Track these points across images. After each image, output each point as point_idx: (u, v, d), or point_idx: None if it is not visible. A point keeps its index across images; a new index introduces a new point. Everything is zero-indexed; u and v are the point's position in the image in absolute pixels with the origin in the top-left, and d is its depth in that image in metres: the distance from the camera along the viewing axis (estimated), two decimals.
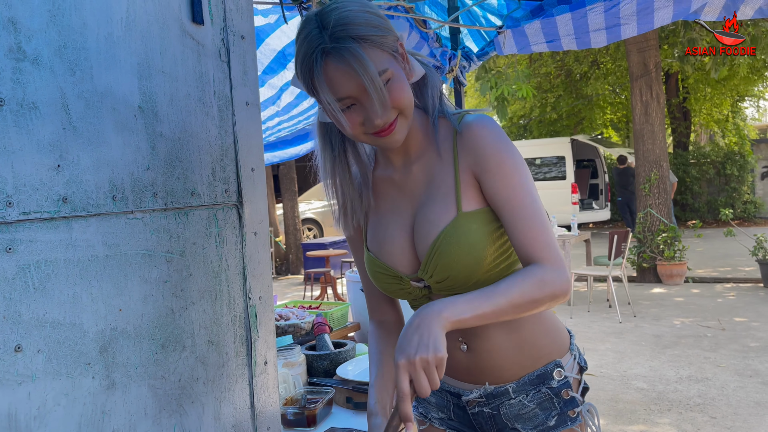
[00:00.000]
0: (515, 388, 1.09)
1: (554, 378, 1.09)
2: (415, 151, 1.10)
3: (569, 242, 7.38)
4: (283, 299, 8.99)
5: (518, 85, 9.14)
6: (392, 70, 0.98)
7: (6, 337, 0.81)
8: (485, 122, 1.03)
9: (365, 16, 0.97)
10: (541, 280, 0.97)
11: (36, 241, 0.86)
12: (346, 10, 0.97)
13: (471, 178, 1.04)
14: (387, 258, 1.12)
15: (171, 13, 1.08)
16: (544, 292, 0.96)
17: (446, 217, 1.04)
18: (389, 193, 1.14)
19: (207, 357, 1.13)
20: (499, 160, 1.01)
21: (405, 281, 1.11)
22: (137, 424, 0.99)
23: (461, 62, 2.53)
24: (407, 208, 1.11)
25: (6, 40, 0.83)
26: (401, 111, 1.01)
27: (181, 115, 1.09)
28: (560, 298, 0.99)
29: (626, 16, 2.02)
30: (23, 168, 0.84)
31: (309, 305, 2.43)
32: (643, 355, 5.09)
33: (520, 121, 20.02)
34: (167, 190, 1.06)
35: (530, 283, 0.96)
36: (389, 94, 0.98)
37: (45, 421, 0.86)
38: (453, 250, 1.03)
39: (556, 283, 0.98)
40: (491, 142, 1.02)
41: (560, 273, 0.99)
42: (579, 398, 1.11)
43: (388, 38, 0.98)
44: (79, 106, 0.92)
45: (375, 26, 0.97)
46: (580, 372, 1.15)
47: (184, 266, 1.09)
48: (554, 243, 1.01)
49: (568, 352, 1.14)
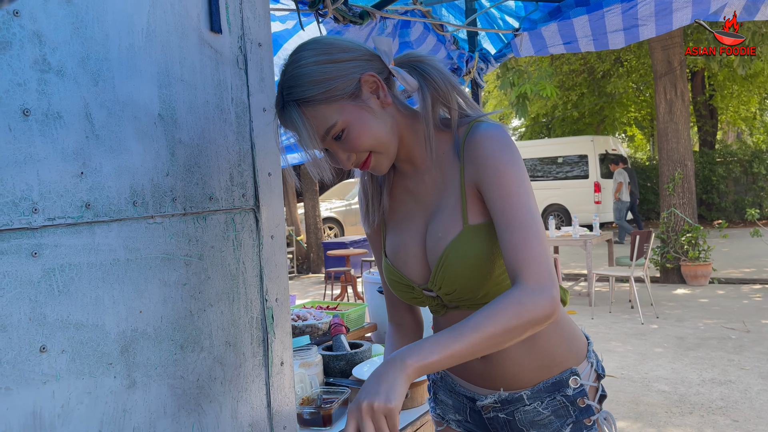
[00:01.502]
0: (530, 395, 1.10)
1: (570, 386, 1.09)
2: (423, 161, 1.11)
3: (591, 242, 7.32)
4: (304, 298, 9.06)
5: (541, 84, 9.07)
6: (344, 121, 1.00)
7: (31, 338, 0.85)
8: (491, 131, 1.02)
9: (313, 71, 0.99)
10: (518, 306, 0.91)
11: (60, 245, 0.89)
12: (298, 66, 1.01)
13: (475, 190, 1.03)
14: (401, 266, 1.13)
15: (190, 23, 1.11)
16: (523, 318, 0.91)
17: (453, 230, 1.04)
18: (405, 200, 1.15)
19: (225, 357, 1.16)
20: (498, 171, 0.98)
21: (417, 291, 1.12)
22: (157, 422, 1.03)
23: (479, 64, 2.53)
24: (421, 217, 1.12)
25: (32, 53, 0.86)
26: (370, 150, 1.03)
27: (199, 121, 1.12)
28: (543, 322, 0.94)
29: (644, 17, 2.01)
30: (48, 175, 0.88)
31: (327, 306, 2.46)
32: (665, 357, 5.03)
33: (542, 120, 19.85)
34: (186, 195, 1.09)
35: (506, 313, 0.90)
36: (346, 143, 1.01)
37: (68, 419, 0.89)
38: (459, 263, 1.03)
39: (536, 307, 0.91)
40: (493, 152, 1.00)
41: (541, 293, 0.92)
42: (596, 406, 1.11)
43: (340, 86, 0.99)
44: (101, 115, 0.95)
45: (322, 81, 0.98)
46: (598, 380, 1.15)
47: (202, 269, 1.12)
48: (542, 259, 0.95)
49: (585, 360, 1.13)
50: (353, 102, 1.00)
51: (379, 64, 1.05)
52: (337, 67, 0.99)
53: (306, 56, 1.00)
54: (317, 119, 1.00)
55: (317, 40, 1.03)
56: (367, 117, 1.01)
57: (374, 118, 1.01)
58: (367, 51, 1.05)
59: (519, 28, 2.36)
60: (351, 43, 1.05)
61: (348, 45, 1.03)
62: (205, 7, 1.14)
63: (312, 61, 0.99)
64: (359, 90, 1.01)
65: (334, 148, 1.03)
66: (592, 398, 1.12)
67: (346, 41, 1.04)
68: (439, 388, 1.27)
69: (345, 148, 1.03)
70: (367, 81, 1.02)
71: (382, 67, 1.05)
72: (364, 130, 1.00)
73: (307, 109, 0.99)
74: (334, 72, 0.98)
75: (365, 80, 1.01)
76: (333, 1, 1.46)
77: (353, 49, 1.03)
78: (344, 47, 1.02)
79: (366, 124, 1.00)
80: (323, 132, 1.01)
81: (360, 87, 1.01)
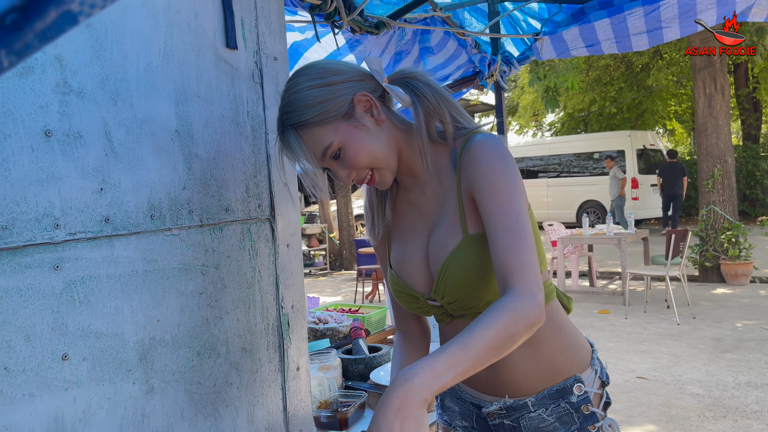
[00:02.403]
0: (534, 402, 1.11)
1: (574, 393, 1.10)
2: (422, 174, 1.13)
3: (625, 240, 7.20)
4: (336, 295, 9.14)
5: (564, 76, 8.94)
6: (339, 140, 1.04)
7: (54, 346, 0.90)
8: (486, 141, 1.04)
9: (306, 95, 1.03)
10: (514, 313, 0.92)
11: (81, 258, 0.94)
12: (293, 92, 1.05)
13: (472, 199, 1.06)
14: (405, 277, 1.16)
15: (206, 41, 1.15)
16: (519, 325, 0.92)
17: (453, 240, 1.07)
18: (409, 212, 1.18)
19: (241, 363, 1.20)
20: (490, 179, 1.01)
21: (422, 300, 1.14)
22: (174, 426, 1.07)
23: (501, 67, 2.52)
24: (423, 228, 1.14)
25: (53, 76, 0.91)
26: (369, 167, 1.06)
27: (215, 136, 1.16)
28: (534, 327, 0.95)
29: (667, 19, 1.97)
30: (69, 192, 0.92)
31: (349, 308, 2.50)
32: (700, 359, 4.93)
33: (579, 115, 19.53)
34: (203, 207, 1.13)
35: (504, 321, 0.91)
36: (344, 162, 1.05)
37: (89, 424, 0.94)
38: (460, 273, 1.05)
39: (529, 312, 0.93)
40: (485, 161, 1.02)
41: (530, 298, 0.94)
42: (600, 413, 1.12)
43: (333, 108, 1.03)
44: (120, 133, 1.00)
45: (315, 104, 1.02)
46: (602, 387, 1.15)
47: (218, 278, 1.16)
48: (530, 264, 0.96)
49: (589, 367, 1.14)
50: (347, 122, 1.03)
51: (372, 83, 1.08)
52: (329, 90, 1.03)
53: (300, 82, 1.04)
54: (314, 141, 1.04)
55: (311, 65, 1.07)
56: (362, 135, 1.04)
57: (369, 136, 1.05)
58: (359, 72, 1.08)
59: (540, 33, 2.35)
60: (344, 66, 1.08)
61: (340, 68, 1.07)
62: (221, 24, 1.18)
63: (306, 86, 1.03)
64: (352, 110, 1.05)
65: (334, 167, 1.07)
66: (596, 405, 1.13)
67: (339, 64, 1.08)
68: (446, 395, 1.29)
69: (344, 166, 1.06)
70: (360, 100, 1.05)
71: (376, 86, 1.08)
72: (359, 148, 1.04)
73: (304, 132, 1.04)
74: (327, 95, 1.02)
75: (358, 100, 1.05)
76: (348, 13, 1.49)
77: (345, 71, 1.06)
78: (336, 70, 1.06)
79: (361, 142, 1.04)
80: (320, 153, 1.05)
81: (353, 107, 1.05)
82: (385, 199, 1.22)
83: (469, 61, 2.52)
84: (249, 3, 1.24)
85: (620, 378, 4.51)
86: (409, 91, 1.10)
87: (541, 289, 0.96)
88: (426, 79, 1.11)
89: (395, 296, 1.22)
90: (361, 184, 1.09)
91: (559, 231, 8.62)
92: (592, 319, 6.55)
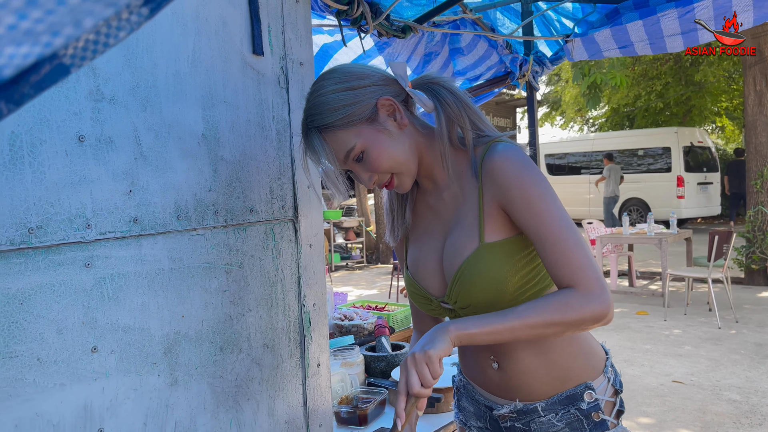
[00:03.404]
0: (544, 407, 1.12)
1: (584, 400, 1.10)
2: (443, 179, 1.15)
3: (666, 240, 7.04)
4: (372, 288, 9.20)
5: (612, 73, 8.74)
6: (362, 143, 1.06)
7: (84, 339, 0.95)
8: (508, 153, 1.05)
9: (331, 99, 1.05)
10: (565, 304, 0.96)
11: (110, 257, 0.99)
12: (318, 95, 1.07)
13: (495, 209, 1.06)
14: (420, 279, 1.18)
15: (233, 48, 1.19)
16: (567, 316, 0.96)
17: (469, 247, 1.08)
18: (427, 215, 1.20)
19: (262, 359, 1.25)
20: (522, 191, 1.02)
21: (435, 303, 1.16)
22: (197, 417, 1.12)
23: (533, 67, 2.50)
24: (440, 232, 1.16)
25: (86, 84, 0.96)
26: (390, 171, 1.08)
27: (241, 139, 1.20)
28: (589, 323, 0.98)
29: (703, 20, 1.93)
30: (100, 194, 0.98)
31: (375, 306, 2.53)
32: (740, 365, 4.80)
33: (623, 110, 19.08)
34: (227, 208, 1.18)
35: (552, 306, 0.97)
36: (366, 164, 1.08)
37: (116, 413, 1.00)
38: (474, 280, 1.07)
39: (584, 308, 0.96)
40: (513, 173, 1.03)
41: (592, 298, 0.97)
42: (611, 421, 1.12)
43: (357, 111, 1.05)
44: (149, 137, 1.05)
45: (340, 107, 1.04)
46: (615, 395, 1.15)
47: (242, 277, 1.21)
48: (589, 265, 0.98)
49: (601, 375, 1.14)
50: (370, 125, 1.05)
51: (396, 87, 1.10)
52: (354, 93, 1.05)
53: (326, 85, 1.06)
54: (337, 143, 1.06)
55: (337, 69, 1.09)
56: (384, 139, 1.06)
57: (391, 140, 1.07)
58: (383, 76, 1.10)
59: (571, 34, 2.32)
60: (369, 70, 1.10)
61: (365, 72, 1.09)
62: (248, 31, 1.22)
63: (330, 89, 1.05)
64: (376, 114, 1.06)
65: (356, 170, 1.09)
66: (608, 413, 1.13)
67: (363, 68, 1.10)
68: (462, 395, 1.31)
69: (366, 169, 1.09)
70: (384, 105, 1.07)
71: (399, 90, 1.10)
72: (381, 151, 1.06)
73: (327, 134, 1.06)
74: (350, 98, 1.04)
75: (381, 104, 1.06)
76: (374, 18, 1.51)
77: (369, 75, 1.08)
78: (361, 75, 1.08)
79: (383, 146, 1.06)
80: (343, 155, 1.07)
81: (376, 111, 1.06)
82: (405, 202, 1.24)
83: (500, 62, 2.51)
84: (276, 10, 1.28)
85: (655, 381, 4.43)
86: (431, 96, 1.12)
87: (606, 289, 0.98)
88: (449, 85, 1.12)
89: (410, 296, 1.24)
90: (381, 187, 1.12)
91: (598, 229, 8.48)
92: (629, 320, 6.44)
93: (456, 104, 1.09)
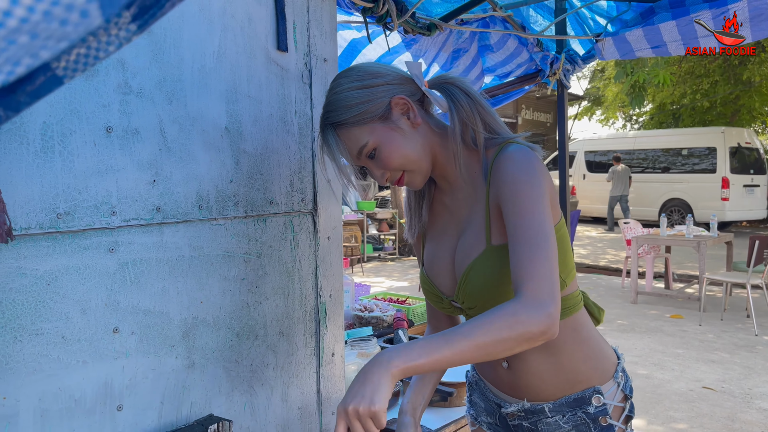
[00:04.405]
0: (552, 408, 1.13)
1: (592, 404, 1.11)
2: (456, 178, 1.16)
3: (705, 243, 6.87)
4: (404, 280, 9.23)
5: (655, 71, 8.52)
6: (375, 141, 1.08)
7: (106, 321, 1.00)
8: (514, 153, 1.05)
9: (346, 96, 1.07)
10: (512, 318, 0.92)
11: (133, 243, 1.04)
12: (334, 92, 1.10)
13: (498, 210, 1.07)
14: (434, 277, 1.20)
15: (258, 43, 1.23)
16: (515, 331, 0.91)
17: (477, 248, 1.09)
18: (443, 214, 1.22)
19: (277, 346, 1.29)
20: (514, 189, 1.01)
21: (446, 302, 1.18)
22: (212, 399, 1.17)
23: (565, 65, 2.47)
24: (454, 232, 1.17)
25: (115, 78, 1.01)
26: (401, 169, 1.09)
27: (263, 133, 1.24)
28: (538, 338, 0.93)
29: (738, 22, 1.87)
30: (125, 183, 1.02)
31: (396, 298, 2.56)
32: None
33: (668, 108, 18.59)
34: (248, 199, 1.21)
35: (499, 323, 0.92)
36: (379, 161, 1.09)
37: (135, 391, 1.05)
38: (480, 281, 1.08)
39: (531, 321, 0.92)
40: (511, 171, 1.03)
41: (538, 309, 0.92)
42: (619, 426, 1.12)
43: (371, 109, 1.07)
44: (173, 129, 1.09)
45: (354, 105, 1.06)
46: (625, 400, 1.15)
47: (260, 266, 1.25)
48: (545, 275, 0.95)
49: (611, 379, 1.14)
50: (384, 123, 1.07)
51: (412, 86, 1.11)
52: (368, 92, 1.07)
53: (342, 83, 1.09)
54: (350, 140, 1.09)
55: (354, 68, 1.12)
56: (397, 137, 1.08)
57: (404, 138, 1.08)
58: (399, 75, 1.12)
59: (602, 34, 2.28)
60: (385, 69, 1.12)
61: (380, 71, 1.11)
62: (273, 27, 1.25)
63: (347, 87, 1.07)
64: (389, 112, 1.08)
65: (369, 166, 1.11)
66: (615, 418, 1.13)
67: (380, 67, 1.12)
68: (474, 391, 1.33)
69: (378, 166, 1.11)
70: (398, 103, 1.08)
71: (415, 90, 1.12)
72: (393, 149, 1.07)
73: (342, 131, 1.08)
74: (365, 97, 1.06)
75: (395, 102, 1.08)
76: (400, 15, 1.52)
77: (385, 74, 1.10)
78: (377, 74, 1.10)
79: (395, 144, 1.08)
80: (356, 151, 1.09)
81: (390, 109, 1.08)
82: (423, 200, 1.26)
83: (530, 59, 2.48)
84: (302, 7, 1.31)
85: (684, 387, 4.35)
86: (446, 96, 1.13)
87: (554, 301, 0.95)
88: (464, 86, 1.13)
89: (423, 293, 1.26)
90: (393, 184, 1.14)
91: (635, 229, 8.32)
92: (662, 323, 6.32)
93: (469, 105, 1.10)
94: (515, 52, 2.40)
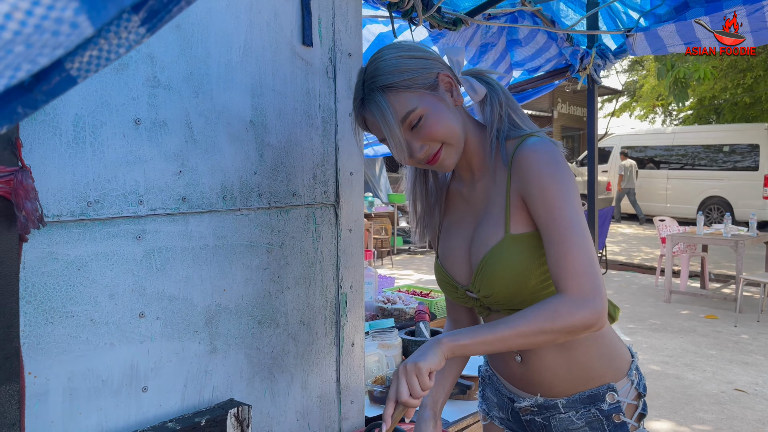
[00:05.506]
0: (565, 404, 1.13)
1: (606, 401, 1.10)
2: (479, 168, 1.16)
3: (743, 243, 6.70)
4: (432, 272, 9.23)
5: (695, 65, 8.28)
6: (423, 108, 1.06)
7: (133, 305, 1.05)
8: (537, 147, 1.06)
9: (396, 62, 1.07)
10: (554, 312, 0.97)
11: (160, 231, 1.08)
12: (381, 60, 1.09)
13: (520, 201, 1.08)
14: (449, 267, 1.21)
15: (283, 38, 1.25)
16: (556, 324, 0.96)
17: (495, 237, 1.10)
18: (459, 205, 1.22)
19: (298, 334, 1.32)
20: (542, 186, 1.02)
21: (461, 291, 1.19)
22: (233, 384, 1.20)
23: (595, 60, 2.43)
24: (470, 222, 1.18)
25: (144, 72, 1.04)
26: (443, 141, 1.08)
27: (287, 126, 1.27)
28: (580, 331, 0.98)
29: None
30: (152, 174, 1.06)
31: (420, 291, 2.57)
32: None
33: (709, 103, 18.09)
34: (271, 191, 1.24)
35: (541, 315, 0.98)
36: (423, 130, 1.07)
37: (159, 374, 1.09)
38: (497, 270, 1.08)
39: (573, 315, 0.96)
40: (537, 167, 1.04)
41: (581, 304, 0.96)
42: (632, 424, 1.11)
43: (421, 77, 1.07)
44: (199, 122, 1.12)
45: (405, 70, 1.06)
46: (638, 398, 1.15)
47: (282, 256, 1.28)
48: (587, 271, 0.98)
49: (625, 377, 1.13)
50: (432, 93, 1.09)
51: (450, 71, 1.13)
52: (419, 61, 1.09)
53: (389, 53, 1.10)
54: (400, 103, 1.07)
55: (398, 42, 1.14)
56: (444, 108, 1.09)
57: (449, 111, 1.10)
58: (440, 57, 1.14)
59: (633, 29, 2.24)
60: (427, 48, 1.15)
61: (425, 48, 1.13)
62: (299, 22, 1.27)
63: (395, 55, 1.09)
64: (437, 85, 1.10)
65: (408, 137, 1.10)
66: (629, 416, 1.13)
67: (423, 45, 1.15)
68: (487, 386, 1.34)
69: (420, 136, 1.09)
70: (443, 79, 1.10)
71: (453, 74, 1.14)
72: (440, 118, 1.08)
73: (391, 93, 1.07)
74: (417, 65, 1.08)
75: (442, 78, 1.10)
76: (425, 10, 1.53)
77: (430, 52, 1.13)
78: (422, 48, 1.12)
79: (442, 114, 1.09)
80: (403, 115, 1.07)
81: (437, 83, 1.10)
82: (436, 204, 1.27)
83: (559, 54, 2.46)
84: (327, 2, 1.33)
85: (716, 388, 4.27)
86: (484, 84, 1.15)
87: (600, 295, 0.98)
88: (495, 79, 1.17)
89: (438, 284, 1.28)
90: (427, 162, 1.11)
91: (671, 227, 8.16)
92: (696, 324, 6.20)
93: (503, 95, 1.13)
94: (544, 47, 2.37)
